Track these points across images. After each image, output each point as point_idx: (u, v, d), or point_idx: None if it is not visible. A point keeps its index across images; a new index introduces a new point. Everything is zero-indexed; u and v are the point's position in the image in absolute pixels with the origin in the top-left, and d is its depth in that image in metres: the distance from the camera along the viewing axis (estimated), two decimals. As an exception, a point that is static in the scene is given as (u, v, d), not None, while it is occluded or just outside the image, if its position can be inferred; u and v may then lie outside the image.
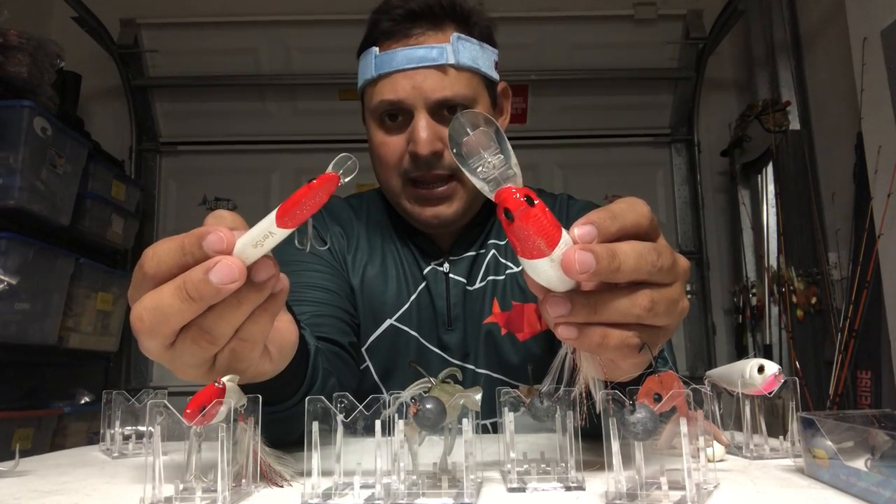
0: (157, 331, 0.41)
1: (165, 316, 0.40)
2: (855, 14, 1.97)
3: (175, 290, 0.40)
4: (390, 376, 0.92)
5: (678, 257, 0.44)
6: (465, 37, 0.88)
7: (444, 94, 0.85)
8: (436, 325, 0.93)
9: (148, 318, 0.41)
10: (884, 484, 0.40)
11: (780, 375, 0.59)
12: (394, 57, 0.86)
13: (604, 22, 2.77)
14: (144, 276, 0.42)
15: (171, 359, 0.44)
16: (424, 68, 0.85)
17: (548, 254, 0.39)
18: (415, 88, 0.85)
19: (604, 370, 0.44)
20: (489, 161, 0.40)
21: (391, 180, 0.92)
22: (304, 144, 2.81)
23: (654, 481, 0.41)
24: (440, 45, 0.86)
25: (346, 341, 0.83)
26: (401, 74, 0.86)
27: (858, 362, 1.96)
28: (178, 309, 0.40)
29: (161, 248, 0.42)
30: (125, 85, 2.66)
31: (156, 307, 0.41)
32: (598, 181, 2.72)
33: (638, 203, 0.44)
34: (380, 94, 0.88)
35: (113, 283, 2.30)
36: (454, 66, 0.86)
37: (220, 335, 0.42)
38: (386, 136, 0.90)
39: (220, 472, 0.42)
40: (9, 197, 1.79)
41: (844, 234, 2.17)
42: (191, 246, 0.40)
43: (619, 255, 0.40)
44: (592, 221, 0.40)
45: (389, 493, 0.42)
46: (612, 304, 0.41)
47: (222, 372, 0.45)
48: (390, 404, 0.43)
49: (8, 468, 0.59)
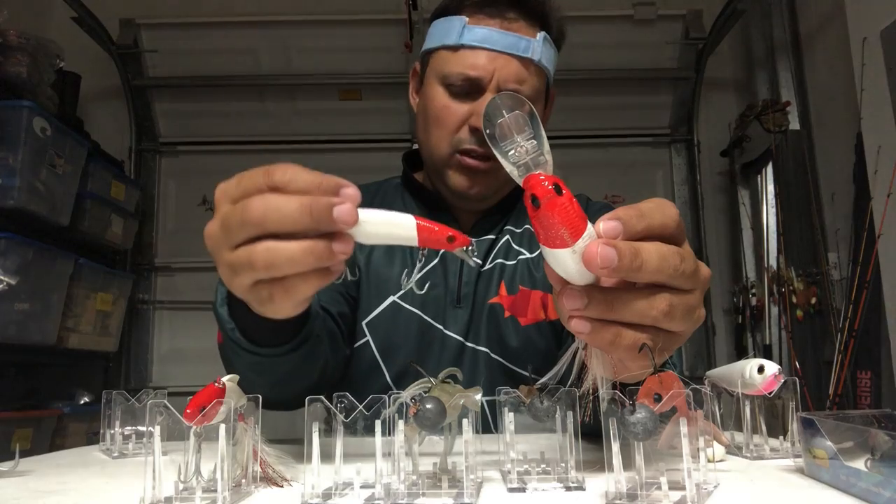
0: (265, 224, 0.43)
1: (283, 216, 0.43)
2: (855, 14, 1.97)
3: (303, 203, 0.42)
4: (389, 353, 0.93)
5: (701, 265, 0.44)
6: (549, 38, 0.91)
7: (518, 86, 0.88)
8: (445, 301, 0.94)
9: (267, 210, 0.43)
10: (884, 484, 0.40)
11: (780, 375, 0.59)
12: (487, 34, 0.88)
13: (604, 22, 2.78)
14: (269, 182, 0.45)
15: (235, 259, 0.45)
16: (510, 55, 0.88)
17: (570, 244, 0.38)
18: (497, 70, 0.87)
19: (614, 369, 0.44)
20: (522, 145, 0.40)
21: (441, 144, 0.93)
22: (304, 144, 2.81)
23: (654, 481, 0.41)
24: (528, 39, 0.88)
25: (335, 310, 0.85)
26: (487, 52, 0.88)
27: (858, 362, 1.96)
28: (296, 218, 0.43)
29: (299, 171, 0.45)
30: (125, 85, 2.66)
31: (279, 205, 0.43)
32: (598, 181, 2.72)
33: (667, 205, 0.43)
34: (460, 63, 0.89)
35: (112, 283, 2.30)
36: (534, 63, 0.89)
37: (280, 268, 0.44)
38: (451, 101, 0.91)
39: (220, 472, 0.42)
40: (8, 197, 1.79)
41: (844, 234, 2.17)
42: (329, 186, 0.43)
43: (643, 254, 0.40)
44: (619, 217, 0.40)
45: (389, 493, 0.42)
46: (630, 303, 0.41)
47: (256, 297, 0.47)
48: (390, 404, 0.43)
49: (8, 468, 0.59)
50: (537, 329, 0.91)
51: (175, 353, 2.71)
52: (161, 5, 2.73)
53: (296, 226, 0.42)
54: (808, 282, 2.28)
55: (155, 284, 2.76)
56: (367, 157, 2.75)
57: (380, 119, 2.77)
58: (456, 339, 0.93)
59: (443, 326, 0.93)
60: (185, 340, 2.66)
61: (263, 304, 0.47)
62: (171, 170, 2.84)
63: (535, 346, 0.90)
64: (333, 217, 0.42)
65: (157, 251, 2.76)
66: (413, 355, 0.92)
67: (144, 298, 2.71)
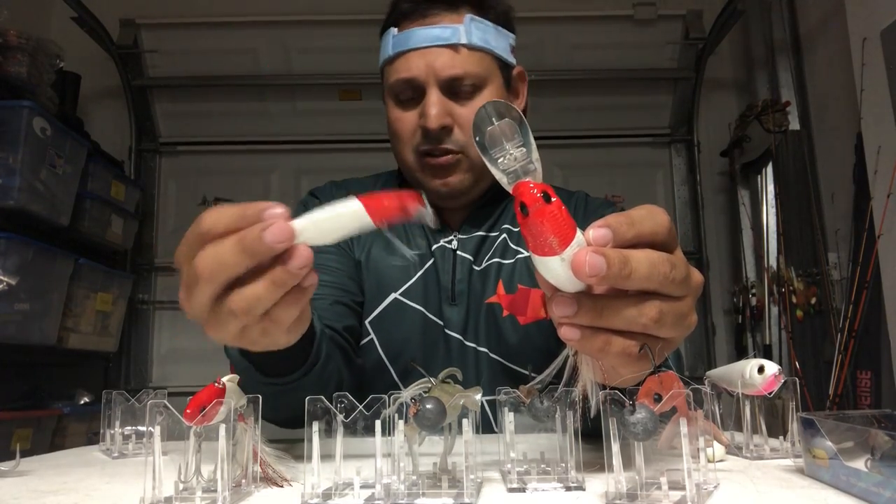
0: (214, 278, 0.44)
1: (223, 265, 0.43)
2: (855, 14, 1.97)
3: (234, 243, 0.43)
4: (395, 350, 0.93)
5: (692, 271, 0.44)
6: (478, 18, 0.91)
7: (455, 72, 0.89)
8: (439, 298, 0.94)
9: (208, 265, 0.43)
10: (884, 484, 0.40)
11: (780, 375, 0.59)
12: (410, 36, 0.90)
13: (604, 22, 2.77)
14: (200, 233, 0.45)
15: (213, 316, 0.46)
16: (437, 47, 0.89)
17: (559, 252, 0.38)
18: (427, 66, 0.89)
19: (604, 375, 0.44)
20: (511, 153, 0.40)
21: (405, 154, 0.95)
22: (304, 144, 2.81)
23: (654, 481, 0.41)
24: (453, 25, 0.89)
25: (340, 326, 0.86)
26: (415, 53, 0.90)
27: (858, 362, 1.96)
28: (235, 261, 0.43)
29: (223, 211, 0.45)
30: (125, 85, 2.66)
31: (215, 255, 0.43)
32: (598, 181, 2.72)
33: (658, 212, 0.43)
34: (396, 72, 0.91)
35: (112, 283, 2.30)
36: (466, 46, 0.89)
37: (254, 309, 0.44)
38: (400, 112, 0.94)
39: (220, 472, 0.42)
40: (8, 197, 1.79)
41: (844, 234, 2.17)
42: (252, 213, 0.44)
43: (632, 261, 0.40)
44: (609, 225, 0.40)
45: (389, 493, 0.42)
46: (620, 310, 0.41)
47: (249, 340, 0.47)
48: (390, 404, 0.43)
49: (8, 468, 0.59)
50: (537, 327, 0.91)
51: (175, 353, 2.70)
52: (161, 5, 2.73)
53: (239, 267, 0.43)
54: (808, 282, 2.28)
55: (155, 284, 2.76)
56: (367, 157, 2.74)
57: (380, 119, 2.73)
58: (456, 338, 0.93)
59: (443, 323, 0.93)
60: (185, 340, 2.66)
61: (258, 343, 0.49)
62: (171, 170, 2.84)
63: (534, 345, 0.90)
64: (266, 242, 0.42)
65: (157, 251, 2.76)
66: (418, 353, 0.92)
67: (144, 298, 2.71)
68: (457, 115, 0.90)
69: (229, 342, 0.48)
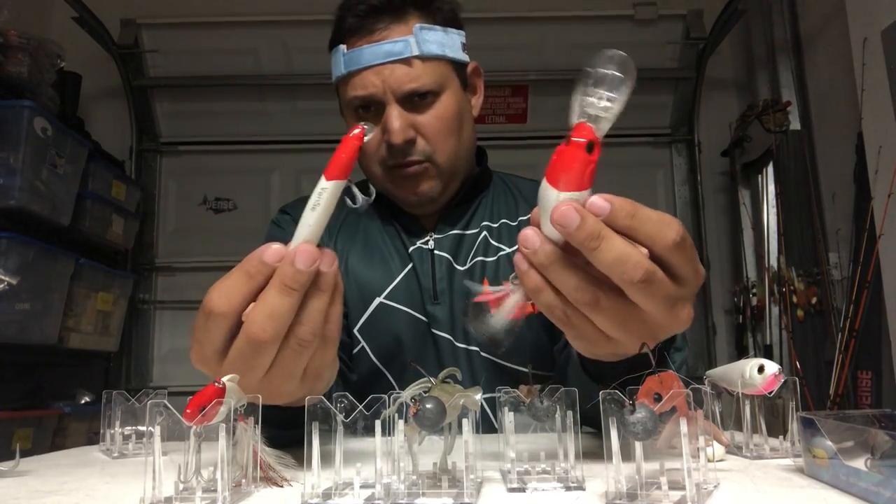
0: (279, 334, 0.44)
1: (282, 315, 0.44)
2: (855, 14, 1.97)
3: (278, 290, 0.43)
4: (387, 354, 0.93)
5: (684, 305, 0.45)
6: (427, 26, 0.90)
7: (412, 86, 0.88)
8: (422, 298, 0.94)
9: (270, 325, 0.44)
10: (884, 484, 0.39)
11: (780, 375, 0.59)
12: (360, 54, 0.88)
13: (604, 22, 2.77)
14: (217, 316, 0.45)
15: (274, 375, 0.47)
16: (391, 63, 0.87)
17: (560, 189, 0.42)
18: (384, 83, 0.87)
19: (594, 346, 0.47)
20: (599, 99, 0.41)
21: (372, 168, 0.95)
22: (304, 144, 2.81)
23: (654, 481, 0.41)
24: (404, 38, 0.88)
25: None
26: (369, 71, 0.88)
27: (859, 362, 1.96)
28: (289, 305, 0.43)
29: (225, 285, 0.45)
30: (125, 85, 2.66)
31: (270, 313, 0.44)
32: (599, 181, 2.66)
33: (669, 223, 0.43)
34: (352, 90, 0.90)
35: (113, 283, 2.30)
36: (419, 57, 0.88)
37: (315, 325, 0.46)
38: None
39: (220, 472, 0.42)
40: (9, 197, 1.79)
41: (845, 234, 2.17)
42: (255, 268, 0.44)
43: (604, 241, 0.40)
44: (612, 201, 0.41)
45: (389, 493, 0.42)
46: (568, 272, 0.42)
47: (311, 381, 0.49)
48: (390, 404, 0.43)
49: (8, 468, 0.59)
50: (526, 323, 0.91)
51: (175, 353, 2.71)
52: (161, 5, 2.73)
53: (294, 309, 0.44)
54: (808, 282, 2.28)
55: (155, 284, 2.76)
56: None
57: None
58: (446, 339, 0.93)
59: (427, 321, 0.93)
60: (186, 340, 2.62)
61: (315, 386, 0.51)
62: (171, 170, 2.84)
63: (525, 341, 0.89)
64: (305, 270, 0.43)
65: (157, 251, 2.76)
66: (409, 354, 0.92)
67: (145, 298, 2.71)
68: (419, 125, 0.89)
69: (294, 394, 0.49)
